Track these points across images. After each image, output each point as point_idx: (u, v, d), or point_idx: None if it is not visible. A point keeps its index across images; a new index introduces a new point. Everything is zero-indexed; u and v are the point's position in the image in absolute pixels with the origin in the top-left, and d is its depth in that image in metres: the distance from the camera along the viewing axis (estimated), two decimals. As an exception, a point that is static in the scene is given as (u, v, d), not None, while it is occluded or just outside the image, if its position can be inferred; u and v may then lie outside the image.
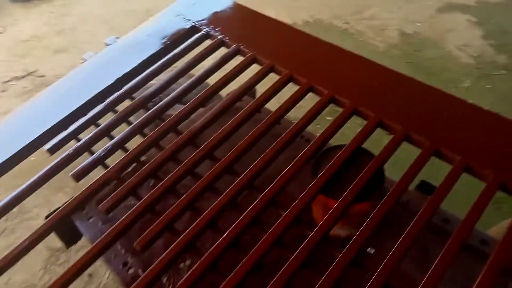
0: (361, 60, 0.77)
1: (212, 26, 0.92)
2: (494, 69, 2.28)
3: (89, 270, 0.98)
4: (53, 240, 0.76)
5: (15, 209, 0.67)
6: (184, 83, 0.81)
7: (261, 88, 0.80)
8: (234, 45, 0.85)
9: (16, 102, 2.11)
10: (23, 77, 2.31)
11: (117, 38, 0.98)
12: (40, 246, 1.06)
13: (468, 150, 0.59)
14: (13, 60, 2.47)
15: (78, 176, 0.65)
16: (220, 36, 0.88)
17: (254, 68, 0.82)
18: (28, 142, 0.72)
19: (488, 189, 0.56)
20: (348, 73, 0.75)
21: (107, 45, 0.97)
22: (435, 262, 0.51)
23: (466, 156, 0.58)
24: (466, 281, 0.50)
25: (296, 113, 0.78)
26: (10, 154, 0.70)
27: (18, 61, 2.45)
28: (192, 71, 0.86)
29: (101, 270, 1.37)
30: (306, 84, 0.73)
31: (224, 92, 0.84)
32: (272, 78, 0.79)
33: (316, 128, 1.72)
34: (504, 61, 2.33)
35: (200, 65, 0.86)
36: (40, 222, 0.63)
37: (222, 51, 0.87)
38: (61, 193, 1.55)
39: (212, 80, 0.82)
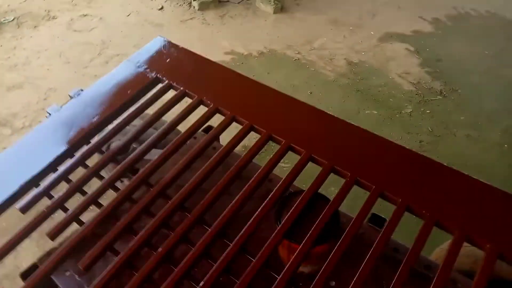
0: (314, 110, 0.86)
1: (173, 76, 0.97)
2: (432, 95, 2.50)
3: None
4: None
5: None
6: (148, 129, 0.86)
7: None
8: (196, 97, 0.91)
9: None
10: (-27, 116, 2.22)
11: (81, 90, 1.00)
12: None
13: (409, 193, 0.68)
14: (-39, 99, 2.36)
15: (54, 235, 0.67)
16: (182, 88, 0.93)
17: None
18: (-2, 202, 0.73)
19: (425, 226, 0.65)
20: (302, 123, 0.83)
21: (71, 97, 0.99)
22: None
23: (406, 199, 0.67)
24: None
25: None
26: (-19, 216, 0.71)
27: (-33, 99, 2.36)
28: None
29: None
30: (265, 134, 0.81)
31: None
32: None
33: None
34: (440, 87, 2.57)
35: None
36: (5, 271, 0.64)
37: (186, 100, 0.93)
38: (28, 239, 1.50)
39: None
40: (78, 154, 0.82)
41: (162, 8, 3.44)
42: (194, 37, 3.05)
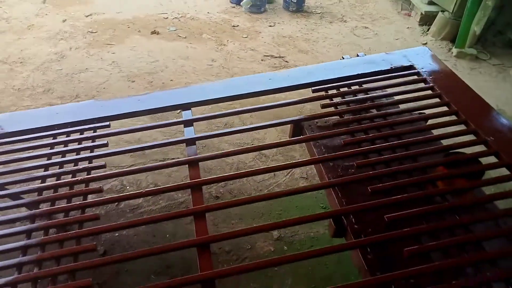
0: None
1: (422, 66, 1.32)
2: None
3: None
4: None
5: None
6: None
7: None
8: (438, 90, 1.24)
9: (267, 69, 2.90)
10: (275, 57, 3.11)
11: (364, 54, 1.47)
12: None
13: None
14: (273, 46, 3.31)
15: (324, 107, 1.18)
16: (424, 77, 1.28)
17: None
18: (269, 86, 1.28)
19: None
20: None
21: (358, 55, 1.48)
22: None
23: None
24: None
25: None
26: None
27: (276, 47, 3.28)
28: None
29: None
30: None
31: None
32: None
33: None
34: None
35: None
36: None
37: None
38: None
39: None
40: (340, 83, 1.30)
41: (426, 43, 3.69)
42: (438, 73, 3.20)
